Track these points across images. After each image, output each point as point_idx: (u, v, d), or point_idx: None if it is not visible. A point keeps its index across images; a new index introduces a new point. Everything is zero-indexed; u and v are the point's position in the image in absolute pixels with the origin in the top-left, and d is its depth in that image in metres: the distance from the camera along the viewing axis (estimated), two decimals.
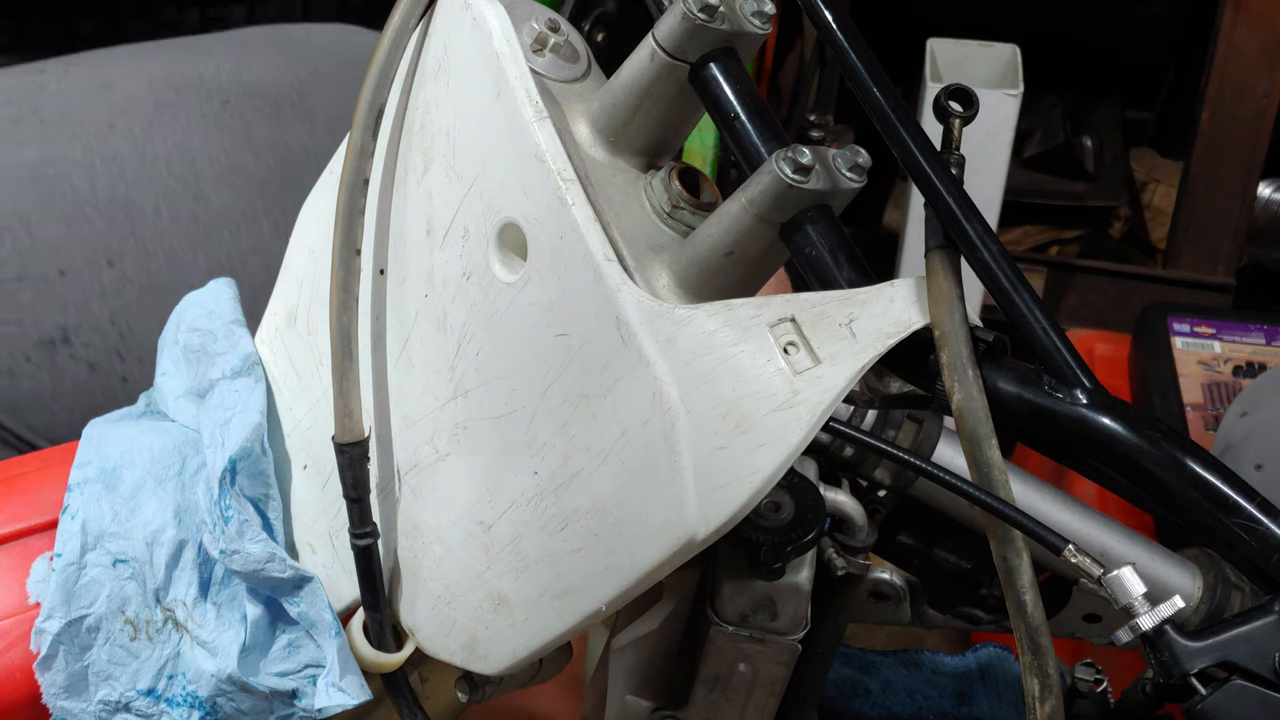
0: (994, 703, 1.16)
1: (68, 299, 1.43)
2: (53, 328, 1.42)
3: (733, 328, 0.70)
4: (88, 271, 1.44)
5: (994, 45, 2.45)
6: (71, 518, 0.91)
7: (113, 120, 1.51)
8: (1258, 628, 0.68)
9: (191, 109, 1.54)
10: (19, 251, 1.43)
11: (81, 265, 1.44)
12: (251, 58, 1.62)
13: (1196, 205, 2.58)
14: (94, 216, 1.46)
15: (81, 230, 1.45)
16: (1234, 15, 2.44)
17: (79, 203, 1.46)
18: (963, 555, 0.91)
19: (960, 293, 0.69)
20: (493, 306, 0.79)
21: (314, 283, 0.93)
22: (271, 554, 0.87)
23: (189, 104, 1.54)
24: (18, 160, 1.47)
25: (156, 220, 1.47)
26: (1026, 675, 0.68)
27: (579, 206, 0.74)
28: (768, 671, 0.87)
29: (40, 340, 1.42)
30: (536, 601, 0.79)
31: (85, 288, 1.44)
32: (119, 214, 1.47)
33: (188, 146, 1.51)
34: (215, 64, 1.60)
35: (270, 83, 1.58)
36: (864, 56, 0.75)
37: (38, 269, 1.43)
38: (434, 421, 0.84)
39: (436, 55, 0.82)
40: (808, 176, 0.71)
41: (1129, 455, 0.68)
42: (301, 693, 0.88)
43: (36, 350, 1.42)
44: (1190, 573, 0.88)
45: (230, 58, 1.61)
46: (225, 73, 1.58)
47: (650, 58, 0.77)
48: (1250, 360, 1.90)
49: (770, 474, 0.68)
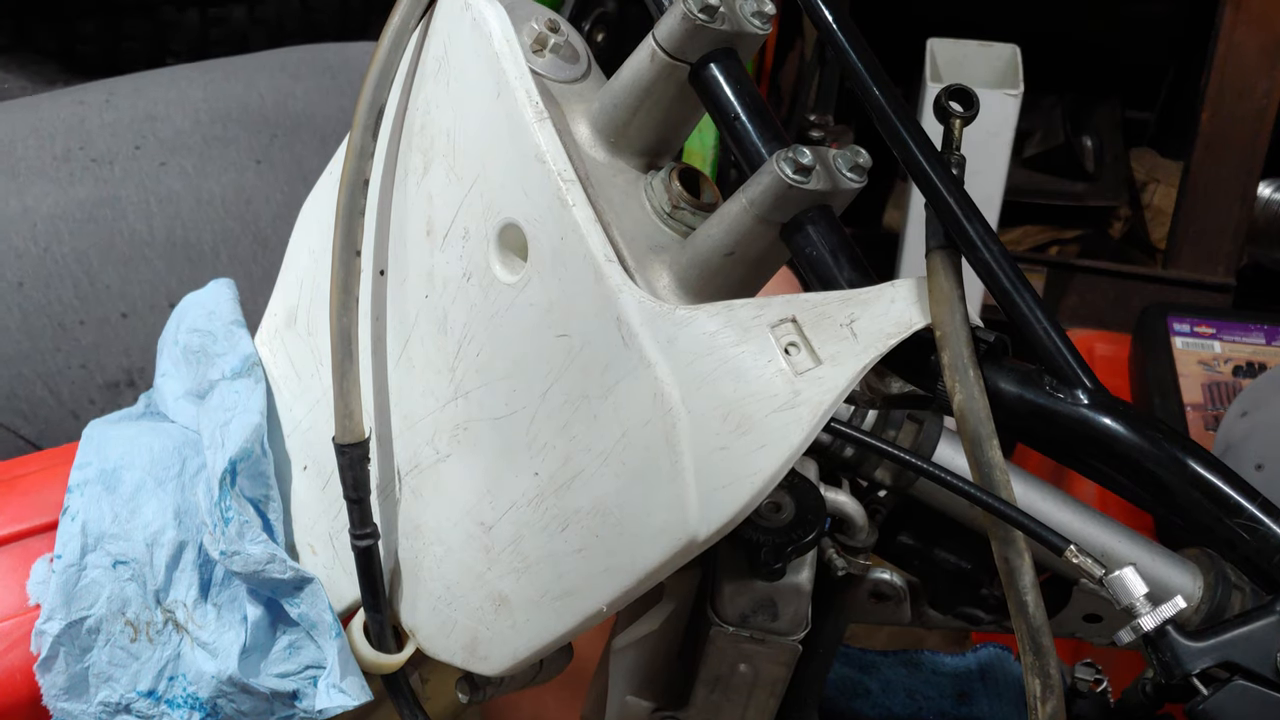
0: (994, 703, 1.16)
1: (131, 341, 1.43)
2: (117, 370, 1.43)
3: (734, 328, 0.70)
4: (150, 313, 1.44)
5: (994, 45, 2.45)
6: (71, 519, 0.91)
7: (164, 159, 1.51)
8: (1259, 628, 0.68)
9: (241, 144, 1.54)
10: (80, 295, 1.43)
11: (143, 307, 1.44)
12: (293, 85, 1.62)
13: (1196, 205, 2.58)
14: (153, 258, 1.46)
15: (141, 272, 1.45)
16: (1234, 15, 2.44)
17: (137, 244, 1.46)
18: (963, 556, 0.91)
19: (961, 293, 0.69)
20: (493, 307, 0.79)
21: (314, 283, 0.93)
22: (272, 555, 0.87)
23: (238, 138, 1.55)
24: (72, 200, 1.47)
25: (215, 261, 1.47)
26: (1028, 675, 0.68)
27: (579, 207, 0.74)
28: (768, 672, 0.87)
29: (105, 383, 1.42)
30: (537, 602, 0.79)
31: (148, 330, 1.43)
32: (178, 255, 1.47)
33: (242, 184, 1.52)
34: (259, 93, 1.60)
35: (316, 114, 1.58)
36: (864, 56, 0.75)
37: (99, 311, 1.43)
38: (434, 422, 0.84)
39: (436, 55, 0.82)
40: (808, 177, 0.71)
41: (1130, 455, 0.68)
42: (302, 694, 0.88)
43: (101, 393, 1.42)
44: (1191, 573, 0.88)
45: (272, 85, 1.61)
46: (270, 103, 1.59)
47: (650, 58, 0.77)
48: (1250, 360, 1.90)
49: (771, 475, 0.68)
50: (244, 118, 1.57)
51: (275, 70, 1.64)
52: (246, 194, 1.51)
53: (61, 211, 1.46)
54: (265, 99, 1.59)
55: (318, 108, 1.59)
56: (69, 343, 1.41)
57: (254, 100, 1.59)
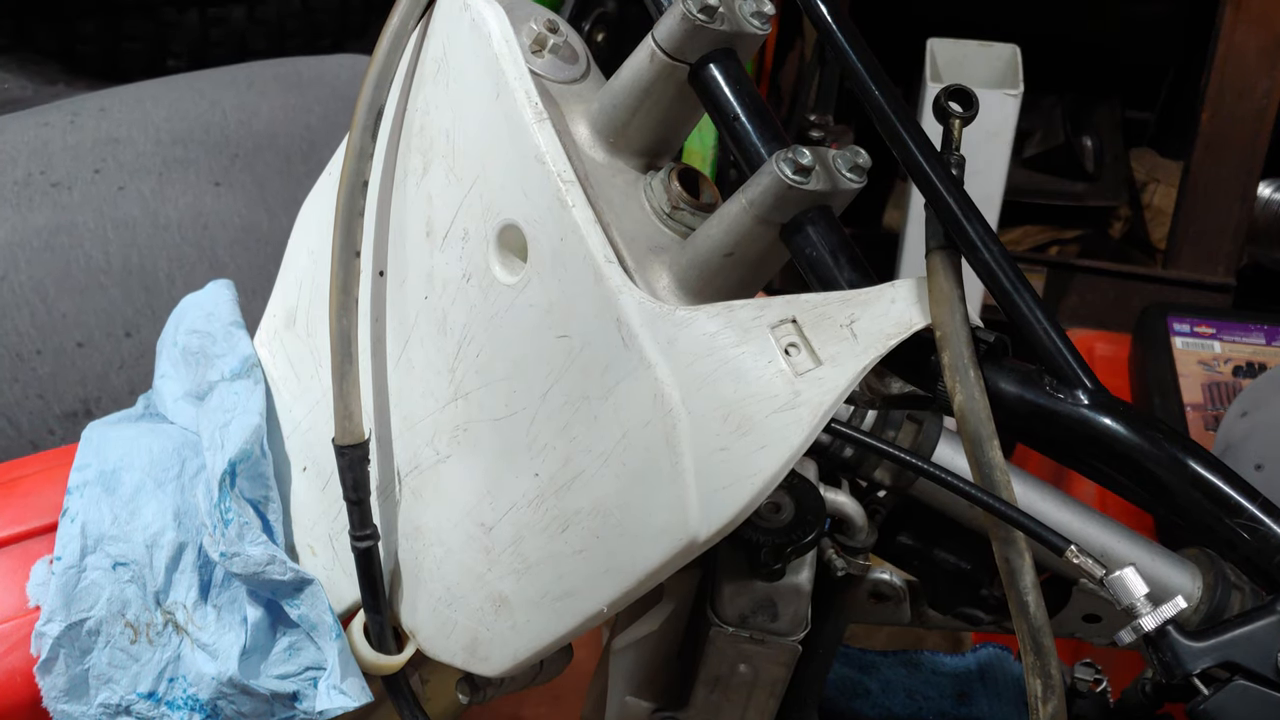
0: (994, 703, 1.16)
1: (87, 371, 1.43)
2: (74, 400, 1.42)
3: (734, 329, 0.69)
4: (106, 342, 1.43)
5: (994, 45, 2.45)
6: (71, 521, 0.91)
7: (123, 183, 1.50)
8: (1259, 628, 0.68)
9: (201, 165, 1.53)
10: (37, 324, 1.42)
11: (99, 337, 1.43)
12: (259, 102, 1.60)
13: (1196, 205, 2.58)
14: (109, 285, 1.45)
15: (98, 300, 1.44)
16: (1234, 15, 2.44)
17: (93, 271, 1.45)
18: (963, 556, 0.91)
19: (961, 293, 0.69)
20: (493, 308, 0.79)
21: (313, 284, 0.93)
22: (272, 556, 0.87)
23: (198, 160, 1.53)
24: (30, 227, 1.46)
25: (171, 288, 1.46)
26: (1029, 676, 0.68)
27: (579, 208, 0.74)
28: (768, 672, 0.87)
29: (64, 413, 1.42)
30: (537, 603, 0.79)
31: (105, 359, 1.43)
32: (134, 283, 1.46)
33: (199, 209, 1.50)
34: (222, 111, 1.58)
35: (279, 132, 1.57)
36: (864, 56, 0.75)
37: (56, 341, 1.42)
38: (434, 423, 0.83)
39: (435, 56, 0.82)
40: (808, 177, 0.71)
41: (1130, 455, 0.68)
42: (302, 695, 0.88)
43: (60, 423, 1.42)
44: (1190, 573, 0.88)
45: (237, 103, 1.59)
46: (233, 122, 1.57)
47: (650, 58, 0.77)
48: (1250, 360, 1.90)
49: (772, 475, 0.68)
50: (205, 138, 1.55)
51: (242, 87, 1.63)
52: (204, 219, 1.50)
53: (19, 239, 1.45)
54: (229, 117, 1.58)
55: (282, 126, 1.58)
56: (26, 373, 1.41)
57: (217, 119, 1.57)
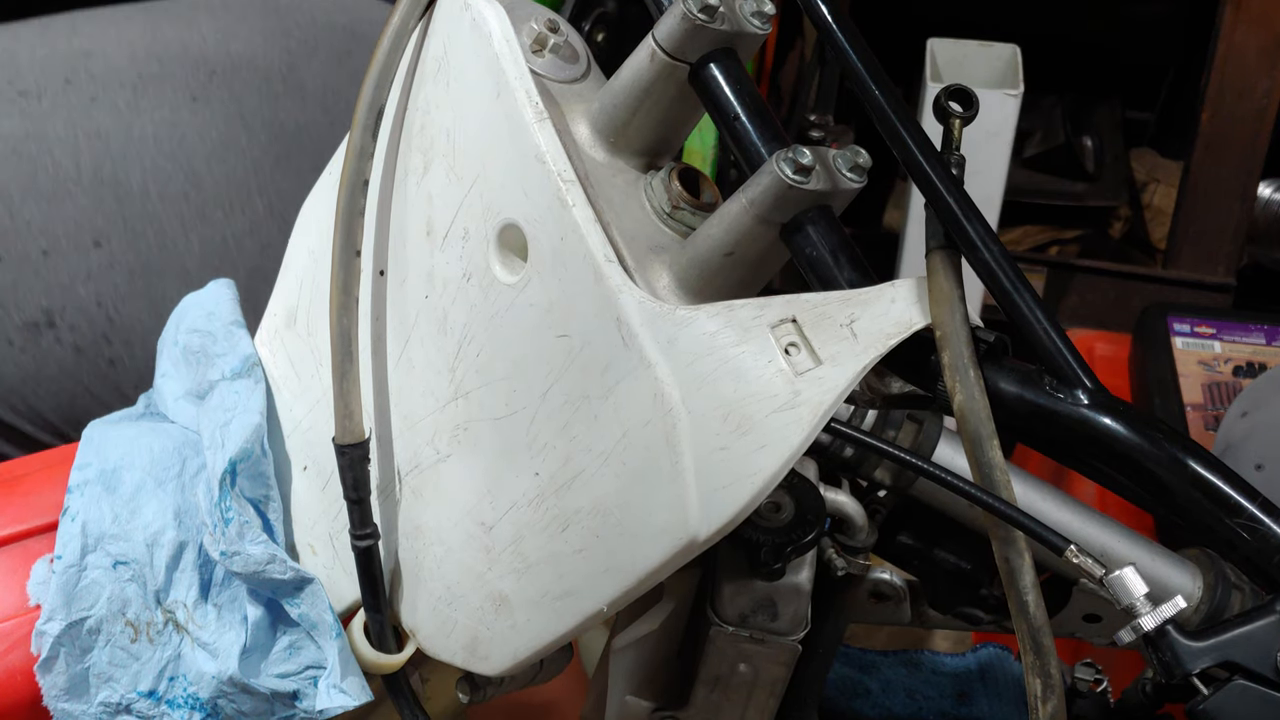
0: (994, 703, 1.16)
1: (52, 280, 1.38)
2: (36, 310, 1.38)
3: (734, 329, 0.70)
4: (73, 252, 1.38)
5: (994, 45, 2.45)
6: (71, 520, 0.91)
7: (95, 94, 1.44)
8: (1259, 628, 0.68)
9: (177, 80, 1.46)
10: (0, 230, 1.38)
11: (66, 246, 1.38)
12: (238, 25, 1.53)
13: (1196, 205, 2.58)
14: (78, 195, 1.39)
15: (66, 209, 1.39)
16: (1234, 15, 2.44)
17: (62, 180, 1.40)
18: (963, 555, 0.91)
19: (961, 293, 0.69)
20: (493, 308, 0.79)
21: (314, 284, 0.93)
22: (272, 555, 0.87)
23: (174, 75, 1.47)
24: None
25: (145, 200, 1.41)
26: (1029, 675, 0.68)
27: (579, 207, 0.74)
28: (768, 672, 0.87)
29: (24, 323, 1.37)
30: (538, 602, 0.79)
31: (70, 269, 1.38)
32: (106, 193, 1.40)
33: (176, 122, 1.44)
34: (200, 32, 1.51)
35: (259, 54, 1.50)
36: (864, 56, 0.75)
37: (19, 249, 1.38)
38: (434, 423, 0.84)
39: (436, 56, 0.82)
40: (808, 177, 0.71)
41: (1130, 455, 0.68)
42: (302, 694, 0.88)
43: (20, 334, 1.37)
44: (1190, 573, 0.88)
45: (215, 26, 1.53)
46: (211, 42, 1.50)
47: (650, 58, 0.77)
48: (1250, 360, 1.90)
49: (772, 475, 0.68)
50: (183, 55, 1.49)
51: (219, 10, 1.56)
52: (180, 131, 1.44)
53: None
54: (206, 38, 1.51)
55: (260, 48, 1.51)
56: None
57: (194, 39, 1.51)
